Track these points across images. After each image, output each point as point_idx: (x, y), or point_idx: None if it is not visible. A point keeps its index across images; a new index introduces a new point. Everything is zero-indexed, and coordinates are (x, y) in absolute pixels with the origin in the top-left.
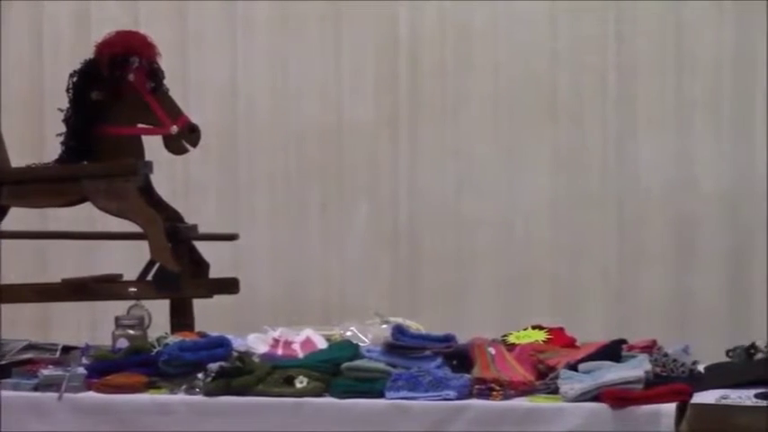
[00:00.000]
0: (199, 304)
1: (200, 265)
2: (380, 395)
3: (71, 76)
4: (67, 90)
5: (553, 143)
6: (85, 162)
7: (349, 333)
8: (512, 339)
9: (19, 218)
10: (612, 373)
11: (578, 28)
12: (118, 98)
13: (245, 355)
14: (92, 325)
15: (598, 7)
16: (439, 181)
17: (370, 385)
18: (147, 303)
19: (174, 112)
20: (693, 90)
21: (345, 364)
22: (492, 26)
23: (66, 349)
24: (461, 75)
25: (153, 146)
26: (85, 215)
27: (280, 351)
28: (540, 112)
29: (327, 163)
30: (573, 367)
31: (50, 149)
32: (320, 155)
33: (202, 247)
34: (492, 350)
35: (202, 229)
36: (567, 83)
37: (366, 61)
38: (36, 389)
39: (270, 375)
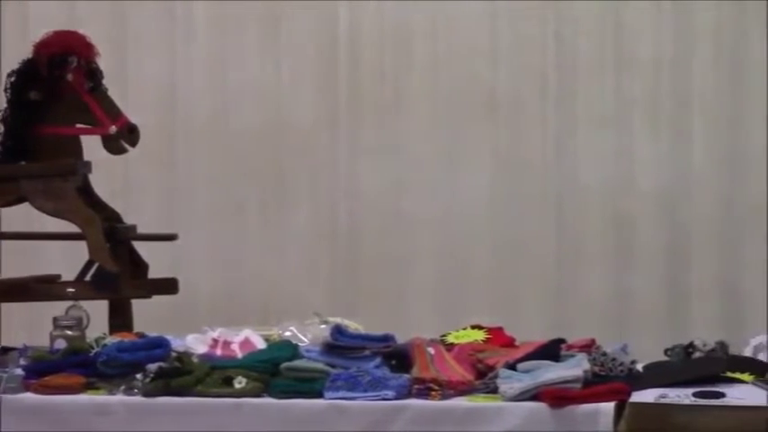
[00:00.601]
0: (138, 305)
1: (139, 265)
2: (319, 395)
3: (9, 75)
4: (5, 90)
5: (493, 142)
6: (24, 162)
7: (288, 333)
8: (451, 339)
9: None
10: (551, 372)
11: (518, 28)
12: (56, 98)
13: (183, 356)
14: (30, 326)
15: (537, 7)
16: (378, 181)
17: (308, 385)
18: (85, 304)
19: (113, 113)
20: (632, 90)
21: (284, 365)
22: (431, 26)
23: (4, 350)
24: (401, 75)
25: (92, 146)
26: (23, 215)
27: (218, 351)
28: (479, 111)
29: (267, 163)
30: (512, 367)
31: None
32: (260, 155)
33: (141, 247)
34: (431, 350)
35: (141, 230)
36: (507, 82)
37: (305, 61)
38: None
39: (209, 376)
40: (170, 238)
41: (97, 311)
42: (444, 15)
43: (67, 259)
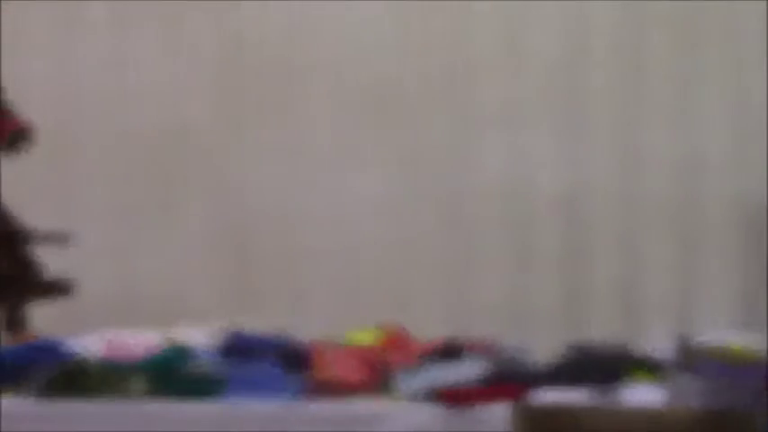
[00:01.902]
0: (33, 306)
1: (35, 266)
2: (215, 398)
3: None
4: None
5: (390, 142)
6: None
7: (184, 334)
8: (349, 339)
9: None
10: (450, 372)
11: (416, 27)
12: None
13: (80, 358)
14: None
15: (441, 7)
16: (276, 180)
17: (206, 387)
18: None
19: (8, 113)
20: (529, 89)
21: (179, 367)
22: (329, 25)
23: None
24: (298, 74)
25: None
26: None
27: (115, 353)
28: (375, 110)
29: (163, 162)
30: (410, 367)
31: None
32: (158, 154)
33: (37, 248)
34: (329, 350)
35: (36, 230)
36: (404, 82)
37: (205, 61)
38: None
39: (105, 378)
40: (62, 239)
41: None
42: (343, 14)
43: None
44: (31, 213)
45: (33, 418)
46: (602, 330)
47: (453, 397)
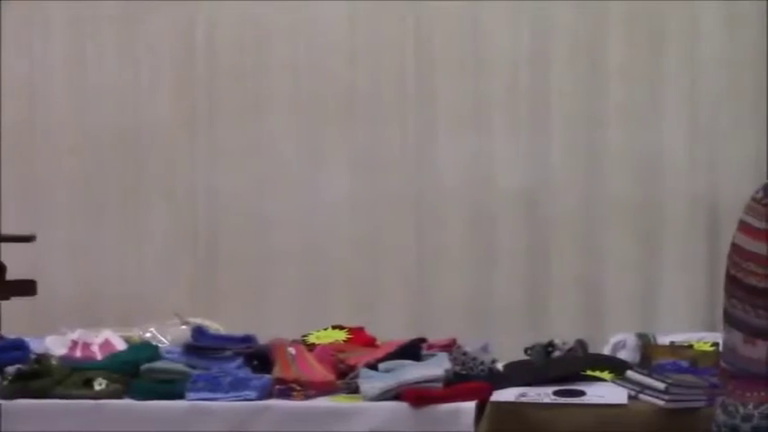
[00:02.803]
0: None
1: None
2: (180, 396)
3: None
4: None
5: (352, 143)
6: None
7: (148, 334)
8: (312, 339)
9: None
10: (412, 371)
11: (377, 28)
12: None
13: (43, 358)
14: None
15: (396, 7)
16: (238, 181)
17: (169, 387)
18: None
19: None
20: (490, 89)
21: (145, 366)
22: (291, 26)
23: None
24: (260, 75)
25: None
26: None
27: (78, 353)
28: (339, 111)
29: (126, 164)
30: (373, 366)
31: None
32: (118, 155)
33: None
34: (292, 350)
35: None
36: (366, 83)
37: (164, 61)
38: None
39: (68, 378)
40: (28, 239)
41: None
42: (303, 16)
43: None
44: None
45: None
46: (564, 329)
47: (417, 396)
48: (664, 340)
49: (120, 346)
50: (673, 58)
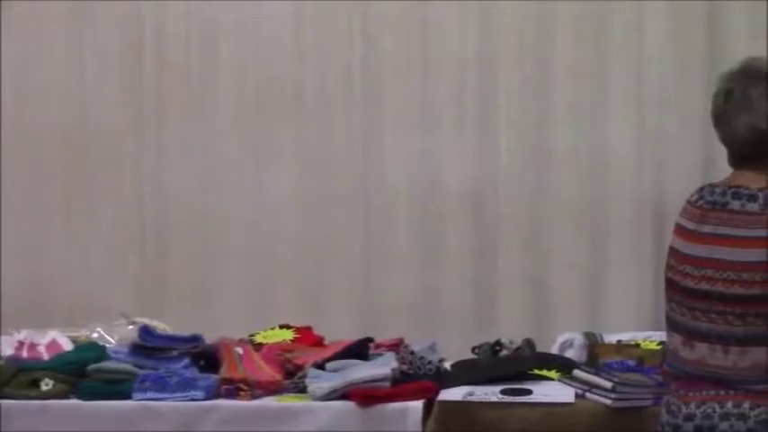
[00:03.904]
0: None
1: None
2: (127, 397)
3: None
4: None
5: (299, 141)
6: None
7: (95, 335)
8: (259, 339)
9: None
10: (360, 371)
11: (324, 27)
12: None
13: None
14: None
15: (343, 6)
16: (185, 179)
17: (116, 387)
18: None
19: None
20: (438, 89)
21: (92, 366)
22: (238, 25)
23: None
24: (207, 74)
25: None
26: None
27: (25, 353)
28: (286, 110)
29: (71, 163)
30: (320, 366)
31: None
32: (65, 154)
33: None
34: (239, 350)
35: None
36: (313, 81)
37: (110, 60)
38: None
39: (15, 378)
40: None
41: None
42: (250, 15)
43: None
44: None
45: None
46: (511, 328)
47: (364, 396)
48: (610, 339)
49: (67, 346)
50: (619, 57)
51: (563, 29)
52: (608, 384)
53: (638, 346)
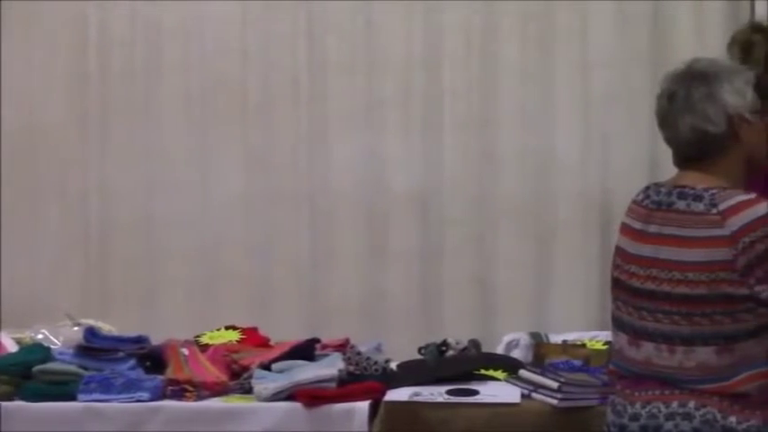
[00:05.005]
0: None
1: None
2: (73, 398)
3: None
4: None
5: (245, 142)
6: None
7: (40, 336)
8: (205, 340)
9: None
10: (306, 372)
11: (269, 27)
12: None
13: None
14: None
15: (288, 7)
16: (130, 181)
17: (62, 388)
18: None
19: None
20: (383, 89)
21: (36, 368)
22: (182, 26)
23: None
24: (152, 74)
25: None
26: None
27: None
28: (231, 111)
29: (16, 163)
30: (266, 367)
31: None
32: (10, 155)
33: None
34: (185, 351)
35: None
36: (258, 82)
37: (55, 61)
38: None
39: None
40: None
41: None
42: (195, 15)
43: None
44: None
45: None
46: (457, 329)
47: (311, 396)
48: (556, 339)
49: (12, 347)
50: (564, 58)
51: (509, 30)
52: (554, 384)
53: (583, 345)
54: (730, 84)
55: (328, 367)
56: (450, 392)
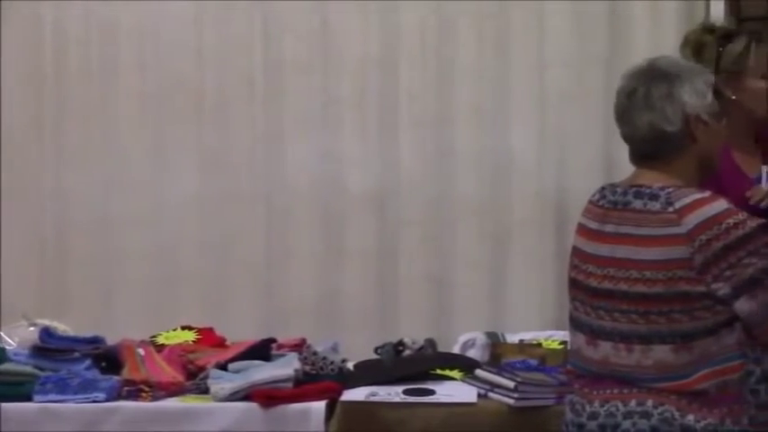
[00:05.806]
0: None
1: None
2: (28, 399)
3: None
4: None
5: (200, 142)
6: None
7: None
8: (161, 340)
9: None
10: (262, 372)
11: (224, 27)
12: None
13: None
14: None
15: (244, 7)
16: (86, 181)
17: (17, 389)
18: None
19: None
20: (339, 89)
21: None
22: (138, 25)
23: None
24: (107, 74)
25: None
26: None
27: None
28: (187, 111)
29: None
30: (223, 367)
31: None
32: None
33: None
34: (141, 351)
35: None
36: (214, 82)
37: (9, 61)
38: None
39: None
40: None
41: None
42: (150, 15)
43: None
44: None
45: None
46: (414, 328)
47: (267, 396)
48: (513, 339)
49: None
50: (520, 58)
51: (464, 29)
52: (510, 384)
53: (540, 345)
54: (691, 84)
55: (284, 367)
56: (406, 392)
